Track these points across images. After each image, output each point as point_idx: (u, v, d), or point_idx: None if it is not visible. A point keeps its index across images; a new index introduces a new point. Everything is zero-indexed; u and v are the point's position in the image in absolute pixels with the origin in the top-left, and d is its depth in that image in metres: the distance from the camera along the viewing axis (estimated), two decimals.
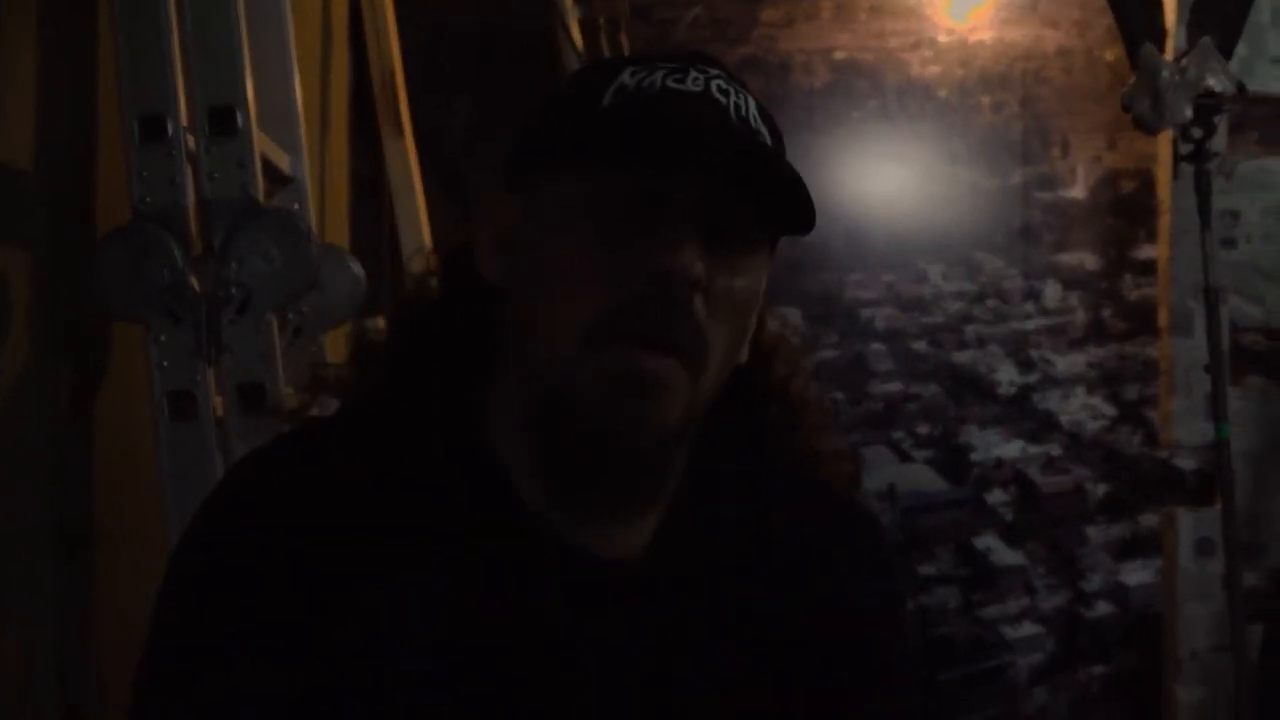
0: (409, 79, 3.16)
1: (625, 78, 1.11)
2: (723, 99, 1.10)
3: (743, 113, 1.11)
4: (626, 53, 3.39)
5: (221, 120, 1.73)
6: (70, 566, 1.73)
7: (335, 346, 2.11)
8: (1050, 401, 3.91)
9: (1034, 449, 3.90)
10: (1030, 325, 3.92)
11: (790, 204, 1.10)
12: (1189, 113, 3.36)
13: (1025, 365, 3.92)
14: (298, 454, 1.16)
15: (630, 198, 1.07)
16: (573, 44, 3.40)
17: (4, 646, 1.60)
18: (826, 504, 1.26)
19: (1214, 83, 3.35)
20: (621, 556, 1.14)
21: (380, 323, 1.31)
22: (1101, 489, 3.90)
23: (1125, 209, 3.92)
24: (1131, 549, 3.89)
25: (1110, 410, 3.91)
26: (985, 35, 3.93)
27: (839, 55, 3.90)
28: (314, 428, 1.21)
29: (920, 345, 3.90)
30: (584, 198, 1.08)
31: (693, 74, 1.11)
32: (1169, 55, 3.43)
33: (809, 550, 1.21)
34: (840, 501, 1.27)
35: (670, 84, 1.10)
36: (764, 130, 1.13)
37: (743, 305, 1.11)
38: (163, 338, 1.69)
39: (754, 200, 1.09)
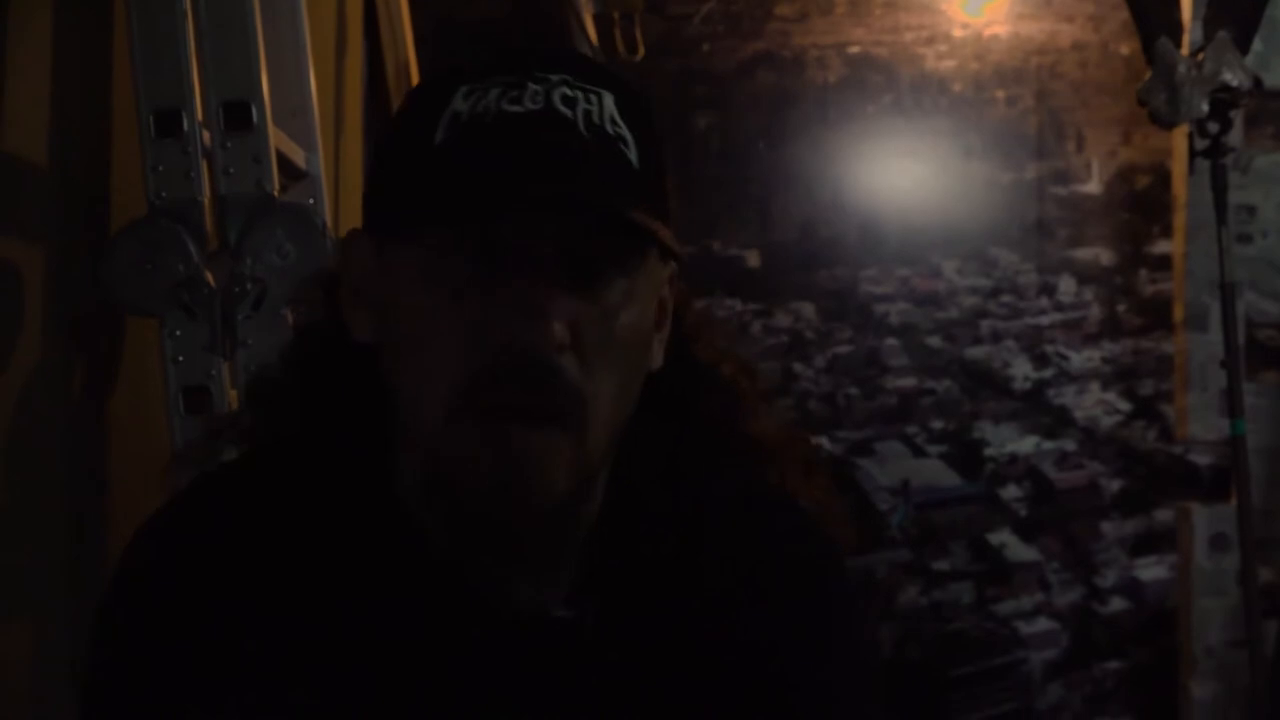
0: (420, 73, 3.16)
1: (458, 102, 0.99)
2: (568, 110, 0.99)
3: (595, 119, 0.99)
4: (640, 50, 3.38)
5: (237, 115, 1.73)
6: (84, 560, 1.73)
7: None
8: (1065, 397, 3.90)
9: (1048, 444, 3.89)
10: (1045, 320, 3.91)
11: (656, 211, 1.01)
12: (1205, 107, 3.35)
13: (1040, 360, 3.91)
14: (202, 520, 1.09)
15: (474, 254, 0.97)
16: (587, 38, 3.39)
17: (18, 638, 1.61)
18: (767, 515, 1.14)
19: (1230, 77, 3.34)
20: (543, 603, 1.06)
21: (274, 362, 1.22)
22: (1116, 484, 3.89)
23: (1140, 204, 3.91)
24: (1146, 544, 3.88)
25: (1125, 405, 3.90)
26: (1000, 29, 3.92)
27: (853, 50, 3.89)
28: (213, 487, 1.13)
29: (934, 340, 3.89)
30: (427, 255, 0.99)
31: (531, 87, 0.99)
32: (1185, 50, 3.41)
33: (746, 573, 1.10)
34: (783, 511, 1.16)
35: (505, 106, 0.98)
36: (625, 131, 1.01)
37: (627, 342, 1.01)
38: (178, 332, 1.70)
39: (614, 223, 0.98)
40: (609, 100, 1.01)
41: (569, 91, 1.00)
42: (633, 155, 1.01)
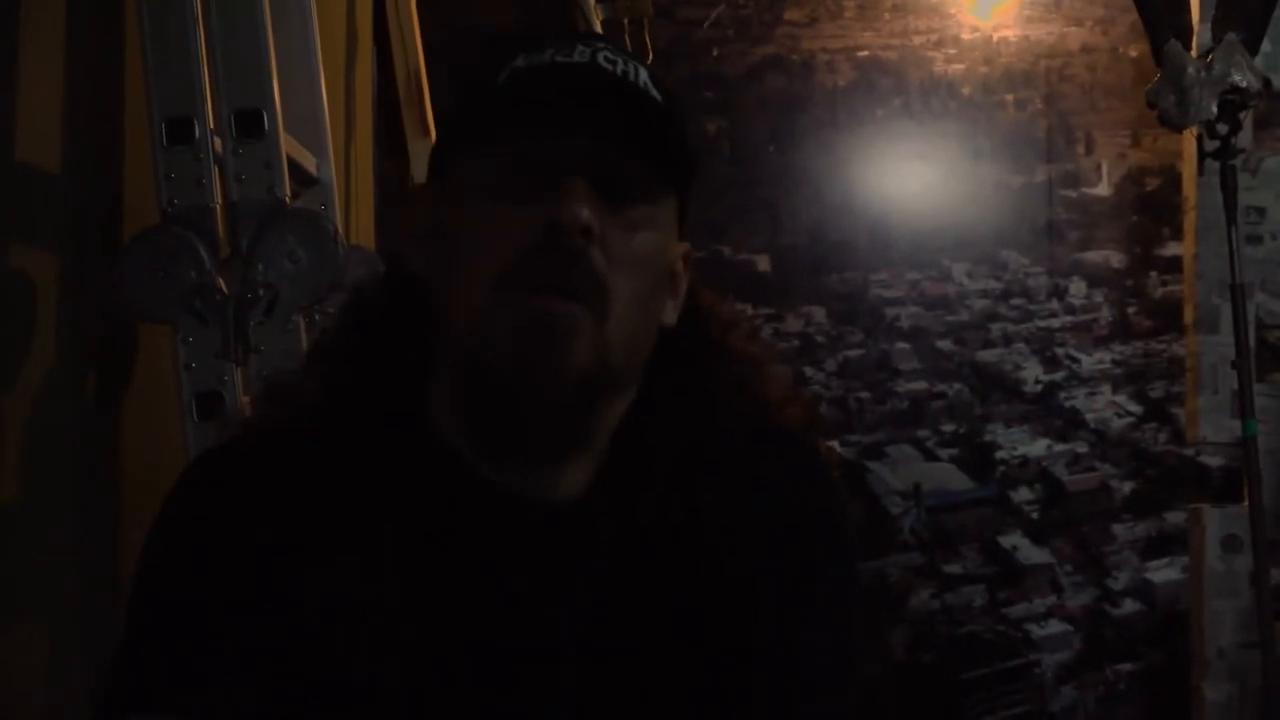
0: (430, 81, 3.17)
1: (519, 61, 1.17)
2: (609, 66, 1.16)
3: (631, 78, 1.16)
4: (650, 55, 3.39)
5: (248, 122, 1.74)
6: (96, 564, 1.74)
7: None
8: (1076, 399, 3.90)
9: (1060, 447, 3.89)
10: (1055, 323, 3.91)
11: (677, 155, 1.17)
12: (1214, 109, 3.35)
13: (1050, 363, 3.91)
14: (252, 452, 1.22)
15: (523, 163, 1.13)
16: None
17: (31, 642, 1.61)
18: (772, 444, 1.27)
19: (1239, 79, 3.33)
20: (561, 503, 1.18)
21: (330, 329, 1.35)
22: (1128, 487, 3.89)
23: (1150, 206, 3.91)
24: (1158, 547, 3.88)
25: (1136, 408, 3.90)
26: (1009, 33, 3.93)
27: (862, 54, 3.90)
28: (266, 427, 1.26)
29: (945, 343, 3.90)
30: (484, 172, 1.15)
31: (580, 47, 1.16)
32: (1194, 52, 3.42)
33: (751, 489, 1.22)
34: (786, 441, 1.28)
35: (558, 59, 1.16)
36: (655, 93, 1.17)
37: (645, 259, 1.16)
38: (190, 339, 1.70)
39: (641, 154, 1.15)
40: (643, 71, 1.18)
41: (610, 55, 1.17)
42: (660, 109, 1.17)
